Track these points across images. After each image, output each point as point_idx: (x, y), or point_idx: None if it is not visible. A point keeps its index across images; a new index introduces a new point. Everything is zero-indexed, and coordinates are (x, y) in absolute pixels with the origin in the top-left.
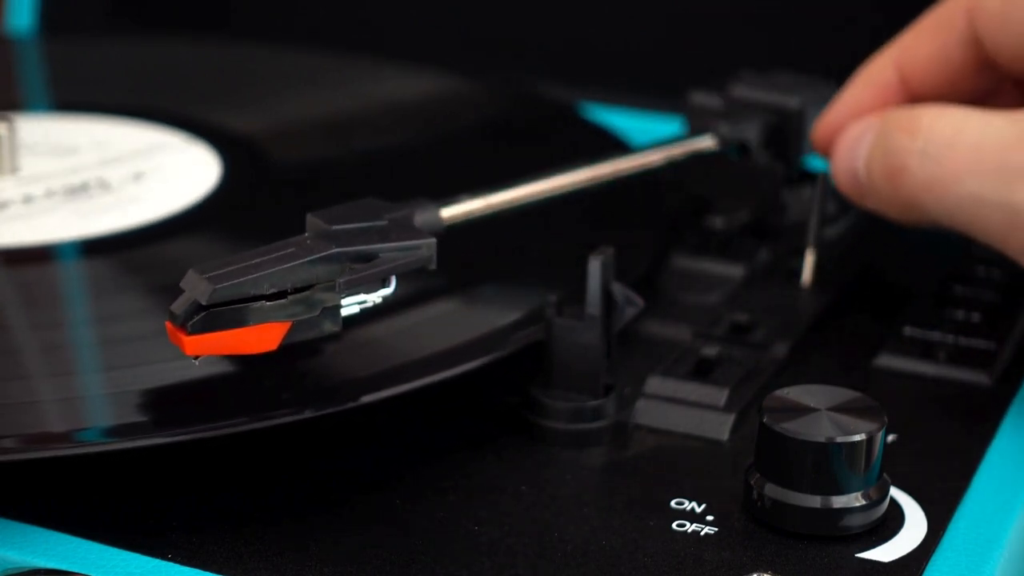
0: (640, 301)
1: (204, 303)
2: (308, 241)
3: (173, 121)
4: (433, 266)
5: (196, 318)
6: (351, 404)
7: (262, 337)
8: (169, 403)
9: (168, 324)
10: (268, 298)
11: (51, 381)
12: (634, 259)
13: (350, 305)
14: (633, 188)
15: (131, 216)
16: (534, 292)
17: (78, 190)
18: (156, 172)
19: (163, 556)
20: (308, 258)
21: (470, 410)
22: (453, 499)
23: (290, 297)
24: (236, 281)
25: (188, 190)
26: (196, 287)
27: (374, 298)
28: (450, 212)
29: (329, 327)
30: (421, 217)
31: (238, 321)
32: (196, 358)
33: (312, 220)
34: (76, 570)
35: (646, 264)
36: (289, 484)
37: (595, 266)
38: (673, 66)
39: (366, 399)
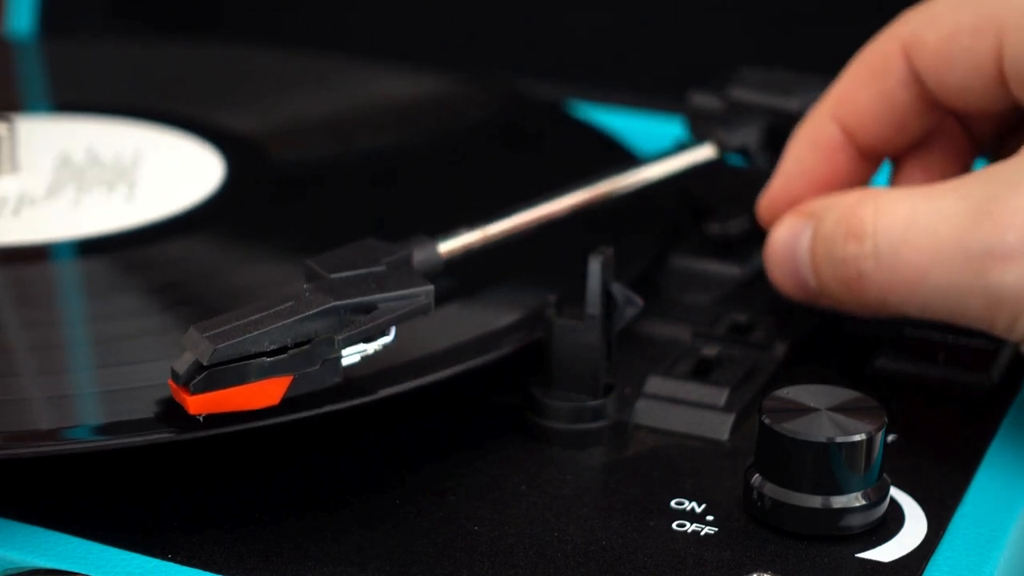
0: (640, 301)
1: (205, 363)
2: (307, 294)
3: (174, 121)
4: (431, 312)
5: (198, 378)
6: (351, 403)
7: (264, 393)
8: (168, 402)
9: (171, 383)
10: (268, 354)
11: (49, 379)
12: (634, 259)
13: (351, 355)
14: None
15: (132, 216)
16: (534, 292)
17: (78, 190)
18: (156, 172)
19: (163, 556)
20: (307, 313)
21: (470, 410)
22: (453, 499)
23: (290, 352)
24: (236, 340)
25: (189, 190)
26: (197, 346)
27: (374, 346)
28: (448, 247)
29: (331, 379)
30: (420, 255)
31: (240, 379)
32: (201, 416)
33: (310, 267)
34: (76, 570)
35: (646, 264)
36: (289, 484)
37: (595, 266)
38: (673, 66)
39: (365, 398)
